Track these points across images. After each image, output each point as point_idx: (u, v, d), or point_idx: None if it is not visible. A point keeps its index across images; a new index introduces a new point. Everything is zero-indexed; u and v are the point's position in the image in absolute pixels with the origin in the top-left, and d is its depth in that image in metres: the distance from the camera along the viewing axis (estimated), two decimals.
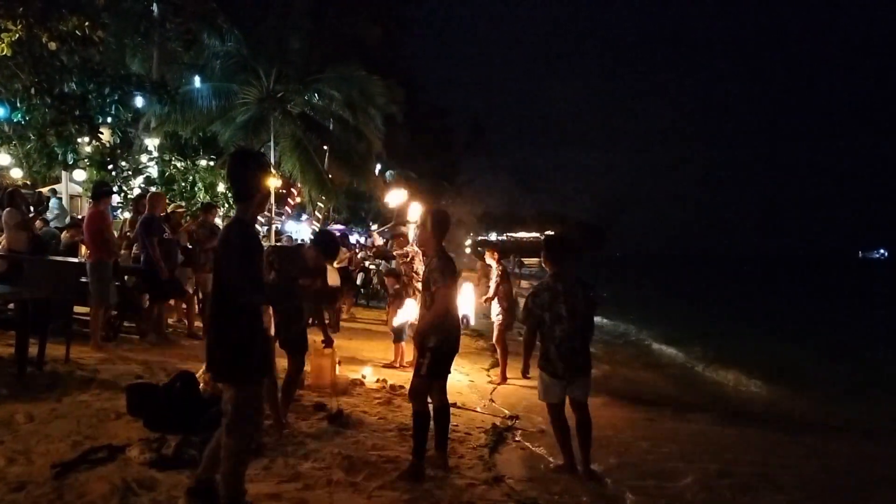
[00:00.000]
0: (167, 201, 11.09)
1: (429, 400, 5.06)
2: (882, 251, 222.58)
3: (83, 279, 8.10)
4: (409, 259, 9.32)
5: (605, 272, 50.88)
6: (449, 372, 5.11)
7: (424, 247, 5.23)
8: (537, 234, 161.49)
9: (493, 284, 9.81)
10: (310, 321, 11.56)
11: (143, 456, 4.47)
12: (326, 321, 12.32)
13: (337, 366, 7.63)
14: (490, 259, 10.13)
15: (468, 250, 56.95)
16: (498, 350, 9.87)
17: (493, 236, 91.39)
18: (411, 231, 12.36)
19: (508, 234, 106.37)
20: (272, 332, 3.70)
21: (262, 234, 19.15)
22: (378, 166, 35.10)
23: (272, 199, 23.62)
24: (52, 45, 11.91)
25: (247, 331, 3.53)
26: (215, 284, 3.65)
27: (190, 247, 10.57)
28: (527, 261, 45.98)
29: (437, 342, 4.85)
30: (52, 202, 15.42)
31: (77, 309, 8.44)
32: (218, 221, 14.42)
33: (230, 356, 3.52)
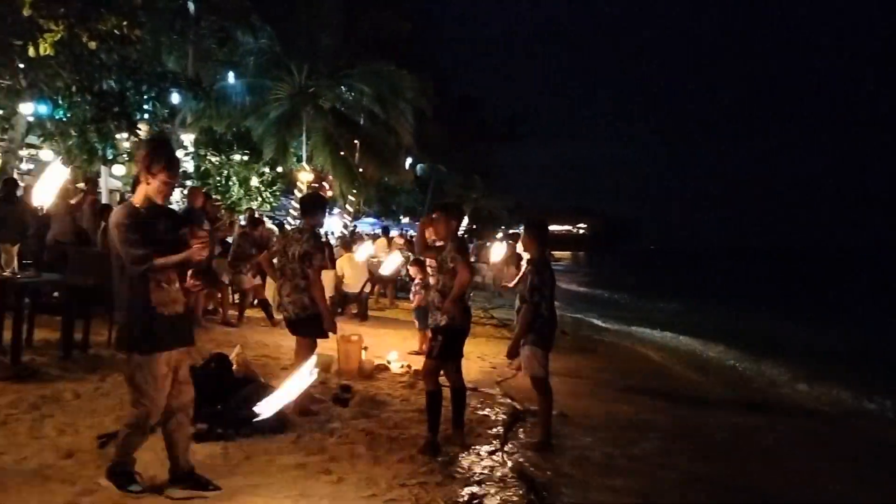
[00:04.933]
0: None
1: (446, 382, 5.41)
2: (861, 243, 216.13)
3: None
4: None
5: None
6: (461, 355, 5.40)
7: (439, 235, 5.52)
8: (569, 227, 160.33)
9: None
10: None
11: None
12: (354, 311, 12.74)
13: (363, 351, 7.93)
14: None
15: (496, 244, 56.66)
16: None
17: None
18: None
19: None
20: (180, 308, 3.86)
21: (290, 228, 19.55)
22: (409, 160, 35.39)
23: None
24: (92, 44, 12.33)
25: (130, 305, 3.75)
26: (112, 265, 3.85)
27: (228, 241, 11.12)
28: (557, 254, 45.88)
29: (448, 323, 5.15)
30: None
31: None
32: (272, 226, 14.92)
33: (121, 328, 3.82)
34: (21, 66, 13.33)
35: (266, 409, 4.25)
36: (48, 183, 3.97)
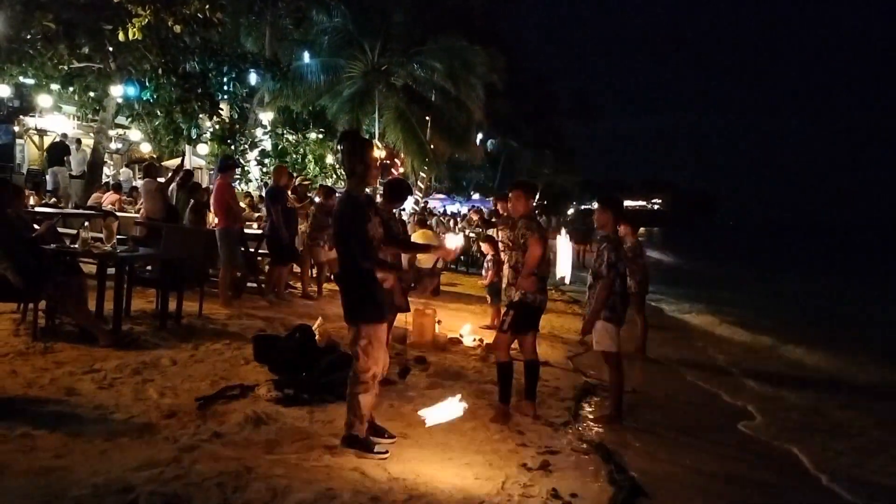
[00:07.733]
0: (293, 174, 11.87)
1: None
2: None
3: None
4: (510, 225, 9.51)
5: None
6: (536, 329, 5.55)
7: (517, 213, 5.62)
8: (643, 202, 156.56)
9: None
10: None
11: (269, 394, 5.19)
12: (427, 288, 12.99)
13: (437, 325, 8.18)
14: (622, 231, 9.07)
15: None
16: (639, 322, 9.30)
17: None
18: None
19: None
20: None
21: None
22: (479, 136, 35.42)
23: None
24: (177, 28, 12.87)
25: (361, 283, 4.22)
26: (338, 250, 4.39)
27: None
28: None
29: (520, 298, 5.32)
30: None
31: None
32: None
33: (352, 303, 4.25)
34: (111, 49, 14.01)
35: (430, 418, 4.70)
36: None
